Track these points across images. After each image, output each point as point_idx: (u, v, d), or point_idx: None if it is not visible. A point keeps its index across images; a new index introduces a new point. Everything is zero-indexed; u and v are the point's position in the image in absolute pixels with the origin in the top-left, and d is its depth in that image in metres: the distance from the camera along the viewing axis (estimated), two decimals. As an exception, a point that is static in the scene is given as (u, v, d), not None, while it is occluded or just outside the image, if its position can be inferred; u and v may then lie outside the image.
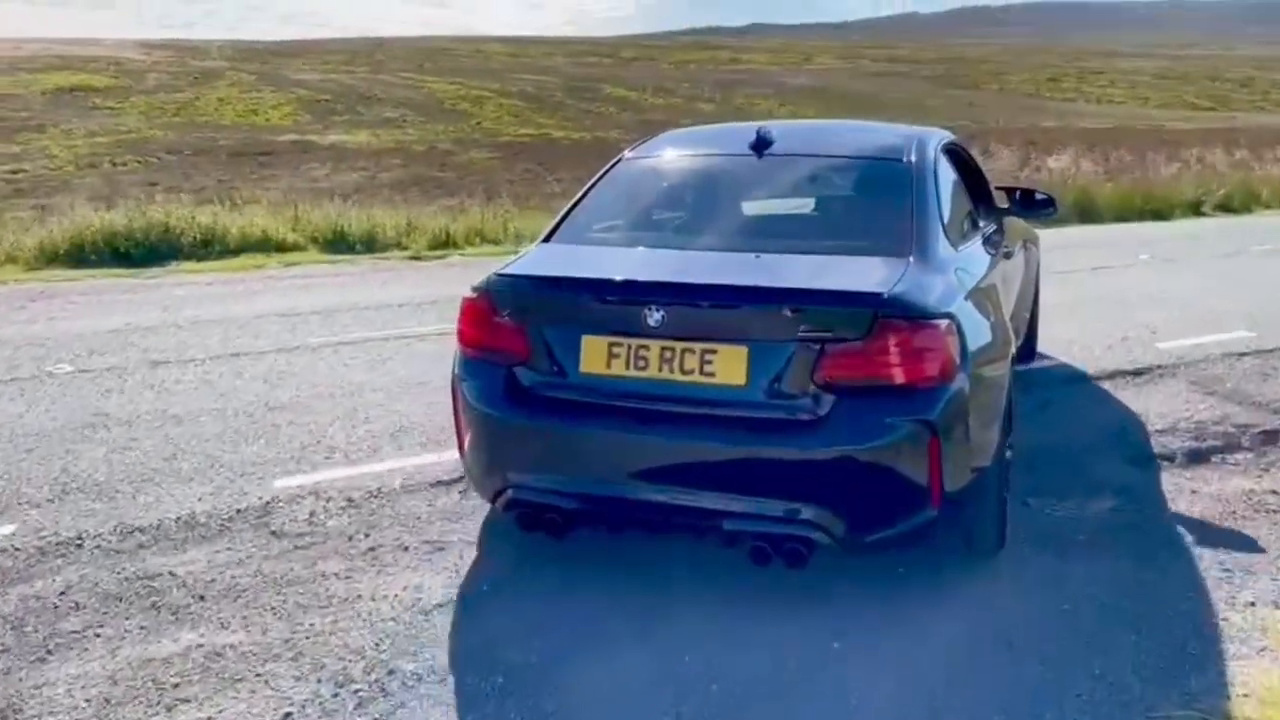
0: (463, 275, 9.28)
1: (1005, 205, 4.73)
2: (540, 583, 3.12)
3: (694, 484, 2.82)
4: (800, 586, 3.02)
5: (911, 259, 3.01)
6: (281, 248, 11.09)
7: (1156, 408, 4.94)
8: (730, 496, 2.78)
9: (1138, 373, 5.55)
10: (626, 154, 3.97)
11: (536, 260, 3.31)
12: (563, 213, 3.64)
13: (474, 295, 3.13)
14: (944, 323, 2.80)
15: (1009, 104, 55.75)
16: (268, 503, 3.78)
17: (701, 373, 2.78)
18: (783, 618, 2.89)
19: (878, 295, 2.75)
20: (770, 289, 2.85)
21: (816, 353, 2.70)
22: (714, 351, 2.78)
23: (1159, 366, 5.65)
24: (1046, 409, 4.88)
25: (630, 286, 2.90)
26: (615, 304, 2.91)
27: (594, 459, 2.92)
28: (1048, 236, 6.55)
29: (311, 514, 3.67)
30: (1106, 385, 5.34)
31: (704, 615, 2.91)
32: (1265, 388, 5.25)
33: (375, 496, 3.83)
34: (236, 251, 10.74)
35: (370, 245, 11.33)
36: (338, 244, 11.26)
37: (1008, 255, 4.20)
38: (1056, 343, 6.07)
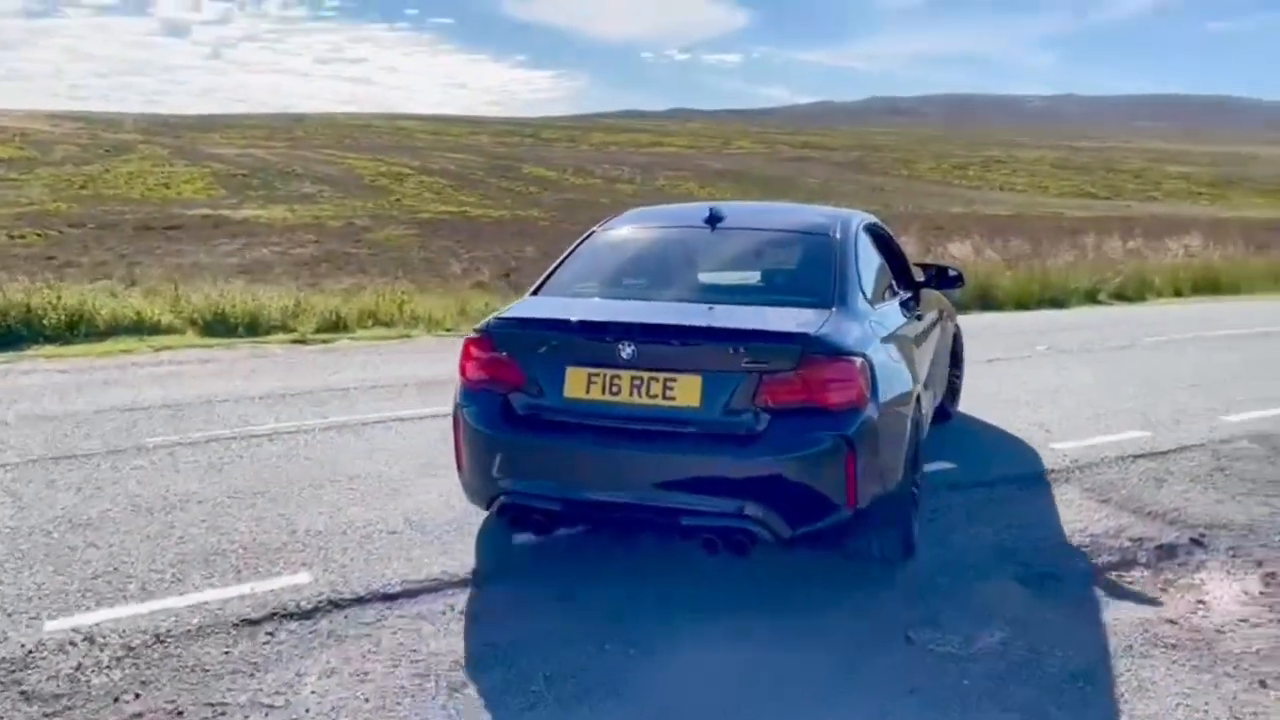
0: (338, 362, 8.87)
1: (922, 279, 5.30)
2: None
3: (658, 487, 3.40)
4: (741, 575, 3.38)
5: (833, 309, 3.71)
6: (156, 330, 10.42)
7: (1050, 519, 4.67)
8: (687, 497, 3.36)
9: (1031, 479, 5.29)
10: (597, 229, 4.63)
11: (528, 307, 3.94)
12: (547, 273, 4.27)
13: (476, 335, 3.73)
14: (858, 360, 3.45)
15: (917, 190, 57.51)
16: (30, 651, 3.19)
17: (664, 397, 3.41)
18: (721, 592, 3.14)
19: (804, 335, 3.41)
20: (719, 329, 3.49)
21: (757, 381, 3.33)
22: (674, 380, 3.40)
23: (1053, 471, 5.40)
24: (935, 520, 4.56)
25: (607, 327, 3.53)
26: (594, 341, 3.51)
27: (575, 469, 3.49)
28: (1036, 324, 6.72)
29: (77, 667, 3.09)
30: (999, 493, 5.05)
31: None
32: (1160, 495, 5.02)
33: (161, 641, 3.26)
34: (105, 335, 10.03)
35: (253, 328, 10.71)
36: (217, 327, 10.61)
37: (919, 318, 4.85)
38: (948, 444, 5.81)
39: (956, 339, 6.43)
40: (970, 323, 11.86)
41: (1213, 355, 9.48)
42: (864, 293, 4.01)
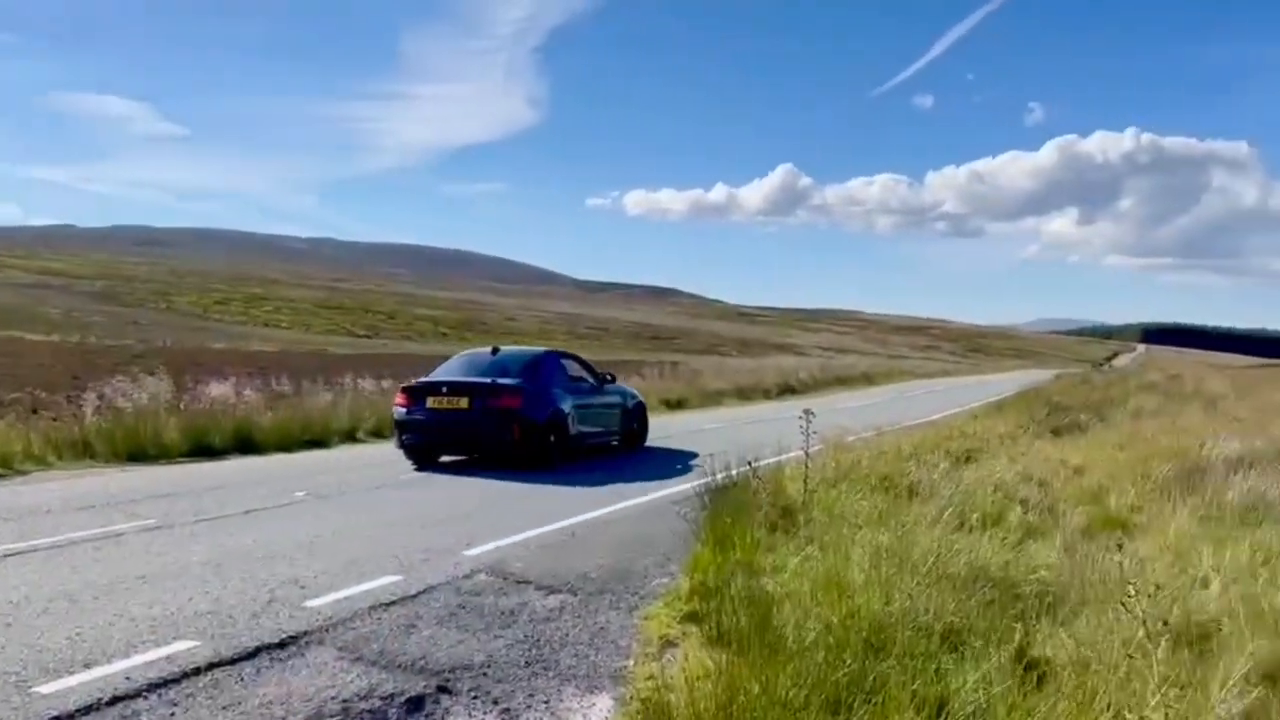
0: None
1: (607, 374, 14.50)
2: None
3: (458, 438, 12.09)
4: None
5: (522, 380, 12.20)
6: None
7: (301, 688, 4.40)
8: (478, 442, 12.08)
9: (283, 644, 4.98)
10: (453, 356, 14.20)
11: (419, 380, 12.48)
12: (432, 372, 13.21)
13: (403, 387, 12.41)
14: (520, 395, 11.85)
15: (177, 324, 54.73)
16: None
17: (457, 405, 11.69)
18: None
19: (513, 384, 11.91)
20: (479, 382, 12.03)
21: (489, 398, 11.62)
22: (460, 397, 11.75)
23: (307, 633, 5.16)
24: None
25: (441, 383, 12.12)
26: (435, 387, 11.99)
27: (430, 431, 11.90)
28: (171, 482, 9.37)
29: None
30: (249, 668, 4.65)
31: None
32: (409, 643, 5.10)
33: None
34: None
35: None
36: None
37: (598, 392, 13.72)
38: (188, 613, 5.25)
39: (637, 409, 14.85)
40: (228, 471, 11.36)
41: (459, 490, 10.31)
42: (550, 377, 12.89)
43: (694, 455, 13.01)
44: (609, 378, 14.38)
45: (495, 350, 13.36)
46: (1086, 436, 14.96)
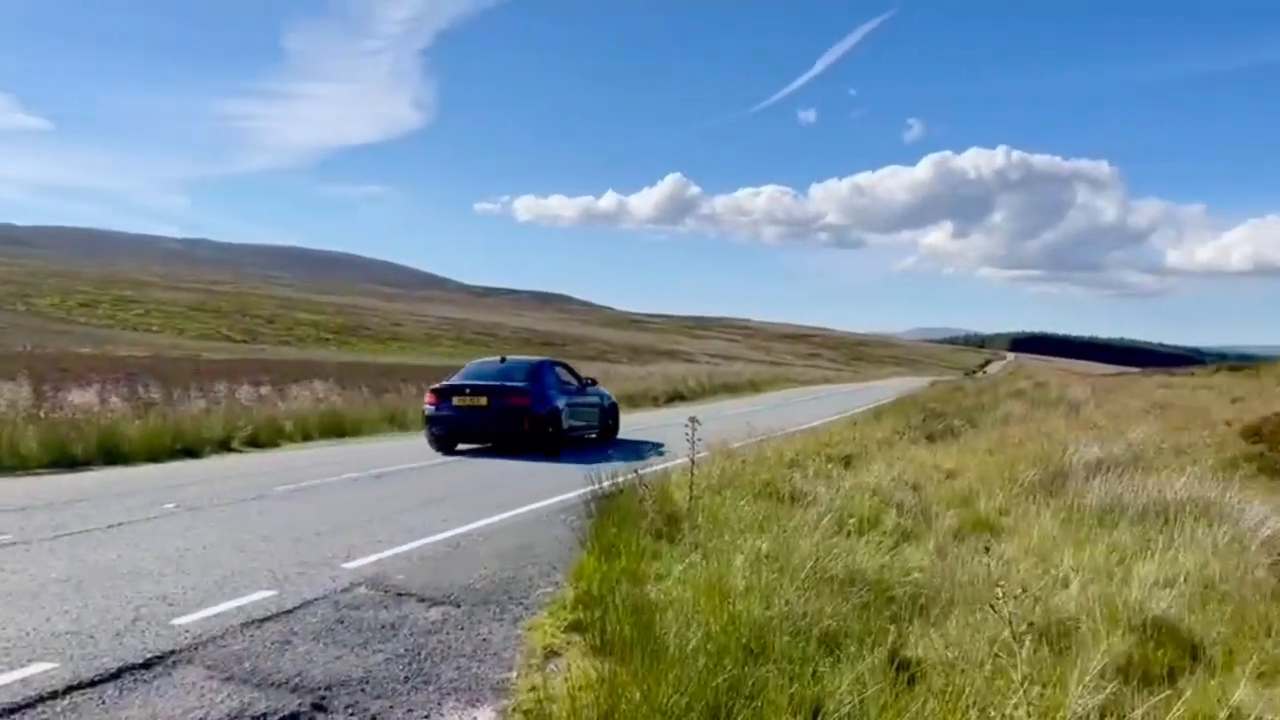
0: None
1: (588, 379, 17.86)
2: None
3: (478, 429, 14.93)
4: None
5: (528, 383, 15.07)
6: None
7: (167, 710, 4.21)
8: (494, 433, 14.89)
9: (148, 664, 4.76)
10: (469, 364, 17.50)
11: (445, 383, 15.31)
12: (451, 376, 16.27)
13: (431, 389, 15.04)
14: (528, 396, 14.67)
15: (38, 327, 51.88)
16: None
17: (478, 403, 14.61)
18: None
19: (521, 386, 14.85)
20: (496, 384, 14.95)
21: (504, 397, 14.59)
22: (480, 397, 14.65)
23: (174, 652, 4.95)
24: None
25: (464, 385, 15.07)
26: (459, 387, 14.98)
27: (455, 424, 14.68)
28: (29, 495, 8.72)
29: None
30: (111, 690, 4.43)
31: None
32: (284, 660, 4.94)
33: None
34: None
35: None
36: None
37: (582, 393, 16.69)
38: (45, 633, 4.98)
39: (611, 408, 17.78)
40: (90, 483, 10.81)
41: (337, 500, 10.05)
42: (548, 380, 15.73)
43: (581, 464, 13.01)
44: (590, 382, 17.72)
45: (503, 359, 16.87)
46: (959, 441, 15.55)
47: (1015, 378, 55.60)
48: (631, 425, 21.46)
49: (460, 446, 15.11)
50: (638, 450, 14.91)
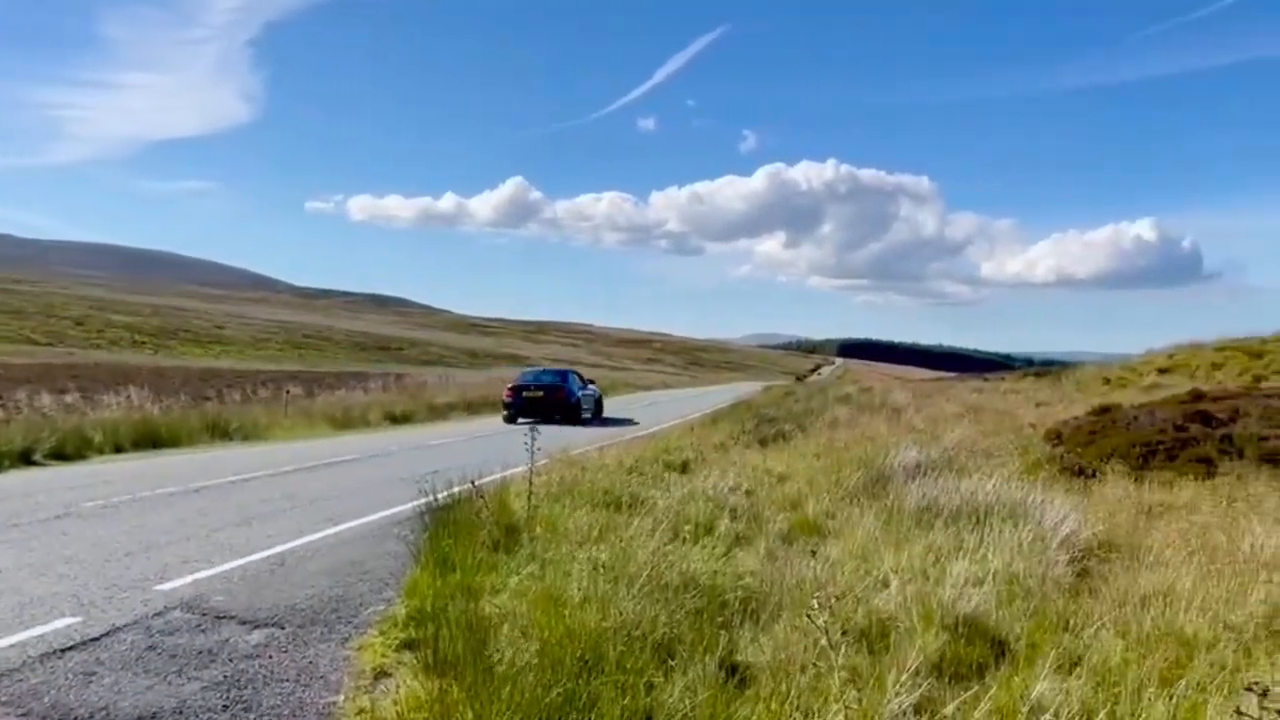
0: None
1: (590, 381, 30.95)
2: None
3: (538, 411, 25.32)
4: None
5: (566, 383, 27.05)
6: None
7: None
8: (545, 413, 25.31)
9: (-69, 707, 4.37)
10: (524, 372, 32.03)
11: (517, 383, 27.13)
12: (519, 377, 28.99)
13: (509, 386, 26.81)
14: (565, 391, 26.34)
15: None
16: None
17: (537, 395, 25.93)
18: None
19: (561, 385, 26.75)
20: (547, 383, 26.95)
21: (553, 391, 26.41)
22: (539, 391, 26.17)
23: (-39, 691, 4.55)
24: None
25: (529, 384, 26.76)
26: (527, 384, 26.73)
27: (524, 408, 25.50)
28: None
29: None
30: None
31: None
32: (89, 693, 4.61)
33: None
34: None
35: None
36: None
37: (585, 388, 28.10)
38: None
39: (600, 399, 29.38)
40: None
41: (151, 517, 9.45)
42: (572, 381, 27.40)
43: (424, 472, 12.74)
44: (591, 382, 30.20)
45: (543, 370, 30.51)
46: (790, 445, 16.06)
47: (843, 382, 58.04)
48: (470, 433, 21.20)
49: (333, 457, 14.75)
50: (386, 483, 14.27)
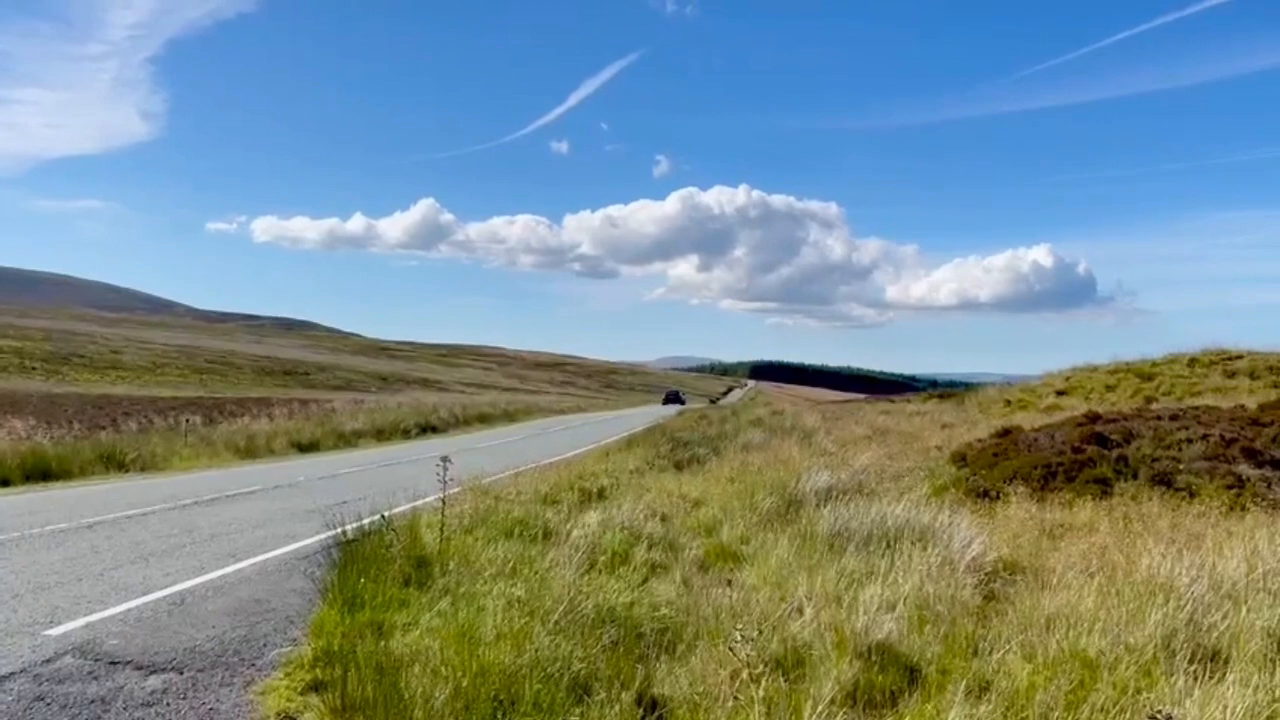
0: None
1: (680, 390, 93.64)
2: None
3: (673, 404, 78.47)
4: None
5: (680, 391, 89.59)
6: None
7: None
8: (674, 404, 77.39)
9: None
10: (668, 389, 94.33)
11: (669, 392, 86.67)
12: (667, 391, 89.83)
13: (666, 394, 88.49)
14: (680, 397, 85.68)
15: None
16: None
17: (672, 395, 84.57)
18: None
19: (680, 392, 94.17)
20: (673, 391, 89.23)
21: (677, 398, 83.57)
22: (674, 394, 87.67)
23: None
24: None
25: (674, 391, 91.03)
26: (672, 392, 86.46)
27: (671, 401, 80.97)
28: None
29: None
30: None
31: None
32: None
33: None
34: None
35: None
36: None
37: (681, 401, 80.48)
38: None
39: (684, 398, 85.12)
40: None
41: (40, 556, 8.99)
42: (680, 391, 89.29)
43: (331, 503, 12.41)
44: (681, 391, 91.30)
45: (672, 384, 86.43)
46: (704, 469, 16.14)
47: (754, 405, 58.75)
48: (380, 460, 20.79)
49: (248, 488, 14.16)
50: (283, 516, 12.99)
